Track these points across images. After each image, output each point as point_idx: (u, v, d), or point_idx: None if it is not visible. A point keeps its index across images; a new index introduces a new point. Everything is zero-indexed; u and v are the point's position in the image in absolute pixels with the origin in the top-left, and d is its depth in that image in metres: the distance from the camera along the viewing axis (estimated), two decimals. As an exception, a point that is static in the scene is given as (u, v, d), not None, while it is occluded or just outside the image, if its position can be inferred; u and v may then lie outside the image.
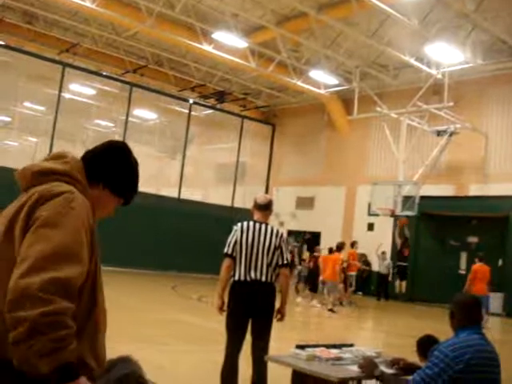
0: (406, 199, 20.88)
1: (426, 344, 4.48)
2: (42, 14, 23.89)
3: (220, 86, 30.51)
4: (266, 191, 28.52)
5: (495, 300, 21.12)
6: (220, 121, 30.22)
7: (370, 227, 25.66)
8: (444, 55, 19.99)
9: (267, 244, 5.76)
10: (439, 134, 22.82)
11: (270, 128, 30.96)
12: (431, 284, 22.65)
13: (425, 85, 21.37)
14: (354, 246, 21.57)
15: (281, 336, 9.97)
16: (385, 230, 24.59)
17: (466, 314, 3.83)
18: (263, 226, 5.85)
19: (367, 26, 20.55)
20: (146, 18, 20.78)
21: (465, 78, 22.78)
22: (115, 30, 25.12)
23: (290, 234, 28.58)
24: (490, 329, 15.19)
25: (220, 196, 28.28)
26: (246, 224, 5.86)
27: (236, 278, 5.76)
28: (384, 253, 23.34)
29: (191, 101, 28.39)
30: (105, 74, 27.24)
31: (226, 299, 5.80)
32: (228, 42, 21.57)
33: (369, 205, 22.51)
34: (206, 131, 31.38)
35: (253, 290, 5.70)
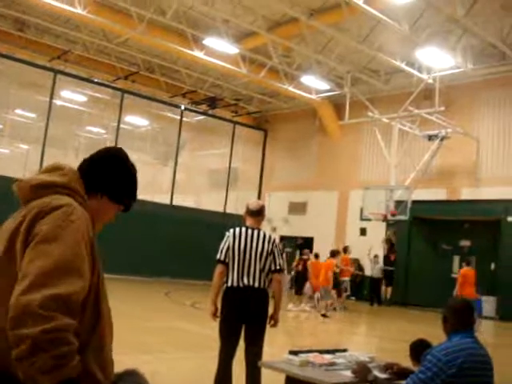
0: (398, 204, 20.91)
1: (418, 348, 4.48)
2: (33, 21, 23.86)
3: (211, 92, 30.53)
4: (259, 197, 28.53)
5: (488, 303, 21.17)
6: (212, 127, 30.23)
7: (363, 232, 25.67)
8: (435, 60, 20.07)
9: (260, 250, 5.75)
10: (430, 138, 22.89)
11: (261, 133, 30.98)
12: (424, 288, 22.67)
13: (416, 89, 21.42)
14: (347, 251, 21.56)
15: (274, 342, 9.96)
16: (377, 234, 24.61)
17: (458, 318, 3.83)
18: (255, 232, 5.84)
19: (358, 32, 20.62)
20: (137, 24, 20.79)
21: (456, 82, 22.87)
22: (106, 37, 25.11)
23: (283, 240, 28.54)
24: (483, 332, 15.24)
25: (212, 202, 28.24)
26: (238, 230, 5.85)
27: (229, 284, 5.75)
28: (376, 256, 23.36)
29: (183, 107, 28.38)
30: (96, 80, 27.22)
31: (220, 305, 5.80)
32: (219, 48, 21.59)
33: (361, 210, 22.52)
34: (198, 137, 31.38)
35: (246, 296, 5.69)
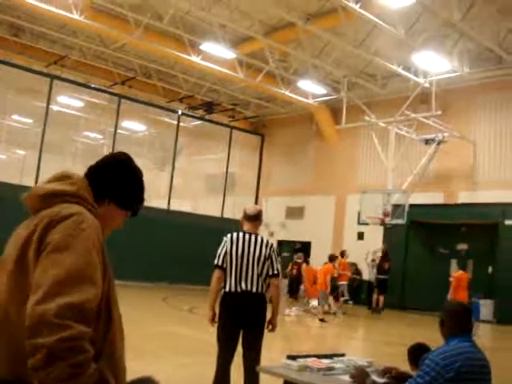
0: (396, 207, 20.91)
1: (417, 352, 4.48)
2: (30, 26, 23.86)
3: (208, 97, 30.55)
4: (256, 201, 28.51)
5: (486, 307, 21.20)
6: (209, 131, 30.22)
7: (360, 236, 25.69)
8: (431, 64, 20.10)
9: (257, 254, 5.75)
10: (427, 142, 22.91)
11: (258, 138, 30.97)
12: (421, 292, 22.67)
13: (412, 94, 21.46)
14: (344, 255, 21.54)
15: (272, 346, 9.94)
16: (375, 238, 24.61)
17: (456, 322, 3.83)
18: (253, 237, 5.84)
19: (354, 36, 20.66)
20: (134, 29, 20.80)
21: (452, 86, 22.91)
22: (103, 42, 25.12)
23: (280, 244, 28.53)
24: (481, 336, 15.24)
25: (209, 207, 28.21)
26: (235, 235, 5.85)
27: (227, 289, 5.75)
28: (374, 260, 23.34)
29: (180, 112, 28.37)
30: (93, 86, 27.21)
31: (217, 311, 5.79)
32: (216, 52, 21.62)
33: (358, 214, 22.52)
34: (195, 142, 31.37)
35: (243, 301, 5.68)
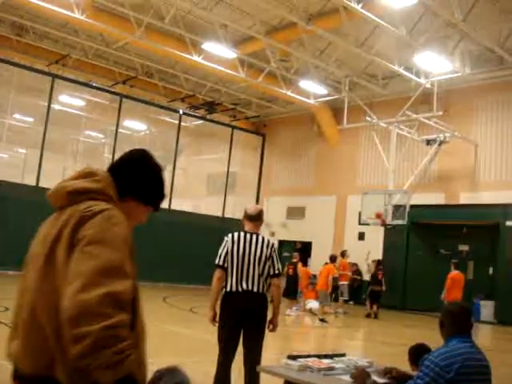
0: (397, 208, 20.89)
1: (417, 353, 4.48)
2: (32, 25, 23.87)
3: (210, 97, 30.54)
4: (257, 201, 28.52)
5: (486, 308, 21.20)
6: (210, 131, 30.22)
7: (361, 236, 25.69)
8: (433, 65, 20.10)
9: (258, 254, 5.76)
10: (429, 143, 22.91)
11: (260, 138, 30.96)
12: (422, 293, 22.66)
13: (414, 94, 21.45)
14: (344, 255, 21.53)
15: (273, 346, 9.95)
16: (375, 239, 24.62)
17: (455, 323, 3.84)
18: (254, 237, 5.85)
19: (356, 36, 20.64)
20: (136, 29, 20.80)
21: (454, 87, 22.91)
22: (105, 42, 25.12)
23: (281, 244, 28.54)
24: (481, 336, 15.24)
25: (210, 206, 28.23)
26: (236, 235, 5.86)
27: (228, 288, 5.75)
28: (375, 261, 23.29)
29: (181, 111, 28.37)
30: (94, 85, 27.20)
31: (218, 310, 5.79)
32: (217, 52, 21.60)
33: (359, 214, 22.52)
34: (196, 142, 31.37)
35: (244, 301, 5.69)
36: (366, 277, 24.01)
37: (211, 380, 5.68)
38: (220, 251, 5.82)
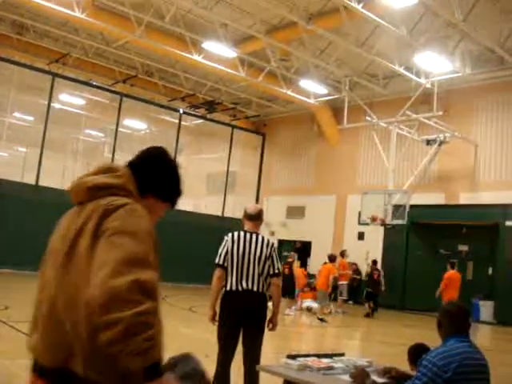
0: (396, 208, 20.90)
1: (416, 352, 4.48)
2: (32, 24, 23.87)
3: (210, 96, 30.55)
4: (257, 200, 28.50)
5: (486, 308, 21.20)
6: (210, 130, 30.21)
7: (361, 236, 25.69)
8: (433, 64, 20.10)
9: (258, 254, 5.76)
10: (429, 143, 22.92)
11: (260, 137, 30.95)
12: (421, 293, 22.65)
13: (414, 94, 21.45)
14: (344, 255, 21.52)
15: (272, 345, 9.95)
16: (375, 239, 24.62)
17: (452, 323, 3.85)
18: (254, 236, 5.85)
19: (356, 36, 20.64)
20: (136, 28, 20.80)
21: (454, 87, 22.91)
22: (105, 40, 25.13)
23: (281, 244, 28.53)
24: (480, 337, 15.23)
25: (210, 206, 28.22)
26: (236, 234, 5.86)
27: (227, 288, 5.75)
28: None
29: (181, 111, 28.36)
30: (95, 84, 27.19)
31: (218, 309, 5.79)
32: (218, 51, 21.61)
33: (359, 214, 22.52)
34: (196, 141, 31.35)
35: (244, 300, 5.69)
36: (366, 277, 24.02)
37: (211, 379, 5.66)
38: (220, 250, 5.82)
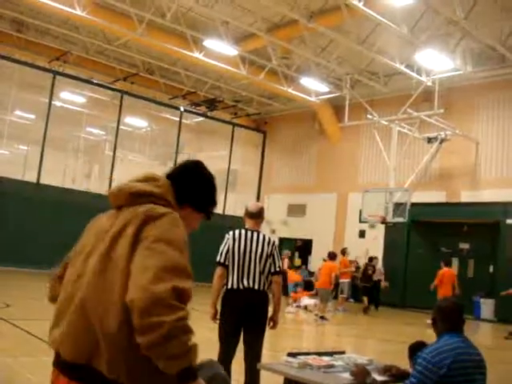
0: (397, 206, 20.90)
1: (417, 350, 4.47)
2: (33, 22, 23.85)
3: (211, 94, 30.53)
4: (258, 198, 28.51)
5: (487, 306, 21.21)
6: (211, 128, 30.20)
7: (362, 234, 25.68)
8: (434, 62, 20.10)
9: (259, 252, 5.76)
10: (430, 140, 22.92)
11: (261, 135, 30.94)
12: (422, 290, 22.62)
13: (415, 92, 21.44)
14: (345, 253, 21.48)
15: (273, 344, 9.95)
16: (376, 236, 24.62)
17: (446, 319, 3.87)
18: (255, 234, 5.85)
19: (357, 34, 20.63)
20: (137, 25, 20.79)
21: (455, 84, 22.89)
22: (106, 38, 25.12)
23: (282, 242, 28.51)
24: (481, 334, 15.22)
25: (211, 204, 28.16)
26: (237, 232, 5.86)
27: (229, 286, 5.75)
28: (375, 258, 23.29)
29: (182, 108, 28.35)
30: (95, 81, 27.15)
31: (219, 308, 5.80)
32: (218, 49, 21.60)
33: (360, 212, 22.52)
34: (197, 139, 31.35)
35: (246, 298, 5.69)
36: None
37: None
38: (221, 249, 5.82)
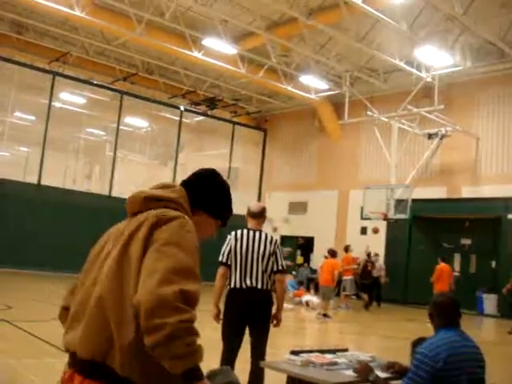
0: (399, 202, 20.89)
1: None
2: (32, 23, 23.83)
3: (210, 93, 30.52)
4: (259, 197, 28.53)
5: (489, 301, 21.23)
6: (211, 127, 30.21)
7: (363, 231, 25.66)
8: (433, 58, 20.08)
9: (262, 251, 5.77)
10: (430, 136, 22.91)
11: (261, 133, 30.95)
12: (424, 287, 22.62)
13: (415, 88, 21.41)
14: (348, 250, 21.45)
15: (275, 342, 9.96)
16: (378, 233, 24.59)
17: (443, 314, 3.89)
18: (257, 234, 5.86)
19: (357, 31, 20.61)
20: (136, 26, 20.78)
21: (455, 80, 22.88)
22: (105, 39, 25.10)
23: (283, 240, 28.51)
24: (484, 330, 15.23)
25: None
26: (240, 232, 5.88)
27: (232, 285, 5.77)
28: (377, 255, 23.30)
29: (182, 108, 28.36)
30: (95, 82, 27.18)
31: (222, 307, 5.81)
32: (218, 48, 21.58)
33: (361, 209, 22.52)
34: (198, 138, 31.36)
35: (249, 297, 5.70)
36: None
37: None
38: (223, 249, 5.84)
